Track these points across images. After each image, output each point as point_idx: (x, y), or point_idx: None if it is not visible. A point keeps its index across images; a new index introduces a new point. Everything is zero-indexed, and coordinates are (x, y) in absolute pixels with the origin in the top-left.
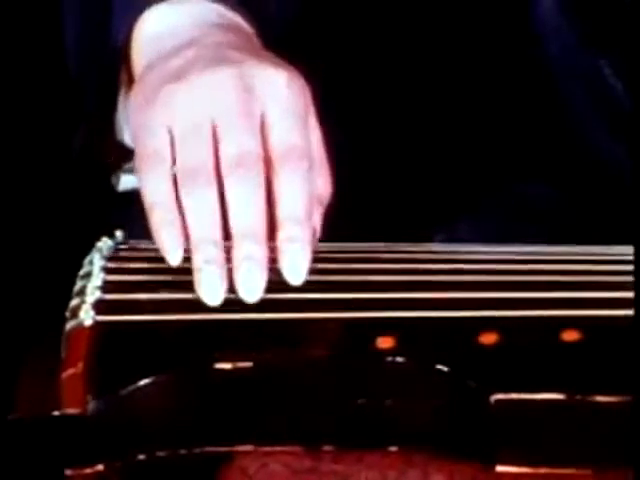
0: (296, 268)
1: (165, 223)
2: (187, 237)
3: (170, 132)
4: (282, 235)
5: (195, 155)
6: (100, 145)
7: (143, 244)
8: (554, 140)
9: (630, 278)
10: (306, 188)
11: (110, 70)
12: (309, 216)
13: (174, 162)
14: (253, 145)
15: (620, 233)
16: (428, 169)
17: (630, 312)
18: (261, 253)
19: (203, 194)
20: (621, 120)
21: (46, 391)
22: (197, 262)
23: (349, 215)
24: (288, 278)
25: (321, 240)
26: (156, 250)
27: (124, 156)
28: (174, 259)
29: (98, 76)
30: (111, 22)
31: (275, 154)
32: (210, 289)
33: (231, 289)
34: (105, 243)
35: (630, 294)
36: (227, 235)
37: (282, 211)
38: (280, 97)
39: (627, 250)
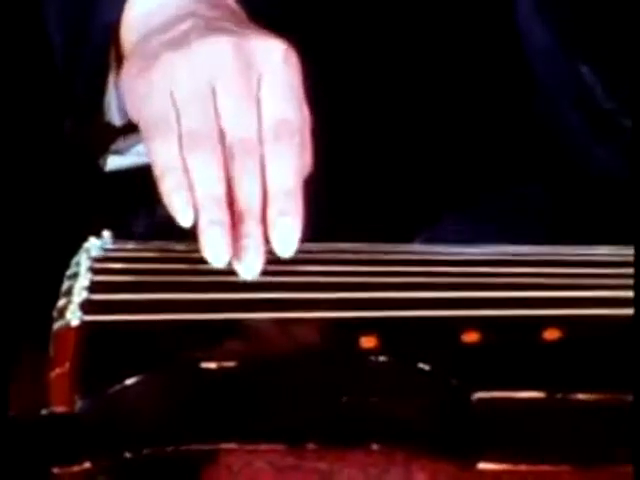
0: (287, 241)
1: (176, 187)
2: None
3: (172, 98)
4: (273, 208)
5: (198, 118)
6: (90, 127)
7: (130, 244)
8: (540, 141)
9: (612, 279)
10: (296, 162)
11: (100, 50)
12: (299, 189)
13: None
14: (252, 125)
15: (605, 233)
16: (411, 170)
17: (611, 311)
18: (259, 232)
19: (207, 155)
20: (601, 121)
21: (34, 390)
22: (202, 223)
23: (332, 215)
24: (278, 251)
25: (304, 240)
26: (143, 250)
27: (111, 137)
28: (186, 220)
29: (88, 56)
30: (100, 5)
31: (268, 129)
32: (214, 251)
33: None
34: (92, 243)
35: (612, 293)
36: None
37: (273, 184)
38: (276, 69)
39: (610, 250)
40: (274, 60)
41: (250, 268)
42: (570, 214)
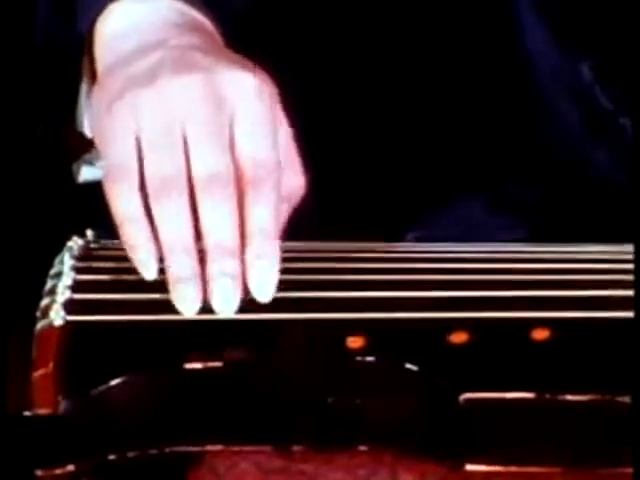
0: (264, 285)
1: (138, 239)
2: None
3: (137, 139)
4: (251, 251)
5: (166, 164)
6: (61, 135)
7: (114, 243)
8: (533, 138)
9: (601, 276)
10: (274, 203)
11: (72, 60)
12: (277, 232)
13: (141, 171)
14: (225, 163)
15: (598, 232)
16: (400, 167)
17: (601, 311)
18: (236, 268)
19: (175, 204)
20: (600, 120)
21: (16, 391)
22: (171, 275)
23: (319, 213)
24: (256, 295)
25: (291, 239)
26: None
27: (84, 146)
28: (150, 274)
29: (61, 65)
30: (77, 13)
31: (244, 170)
32: (188, 303)
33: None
34: (76, 242)
35: (601, 292)
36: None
37: (251, 226)
38: (249, 105)
39: (600, 249)
40: (246, 95)
41: (226, 305)
42: (564, 214)
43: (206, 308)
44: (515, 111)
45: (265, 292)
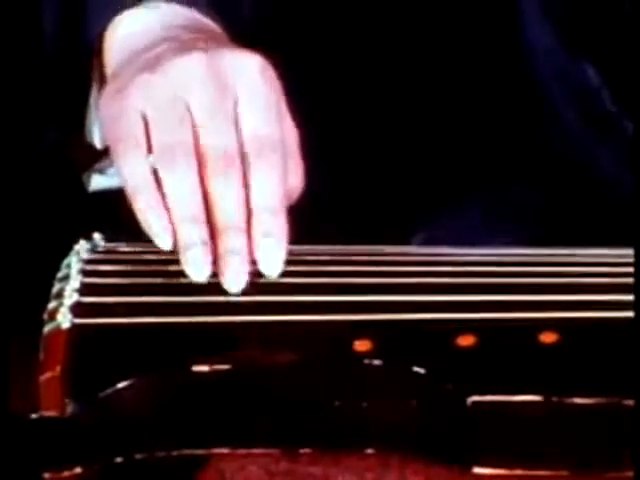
0: (272, 261)
1: (151, 206)
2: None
3: (144, 118)
4: (258, 228)
5: (173, 133)
6: (71, 144)
7: (121, 247)
8: (536, 140)
9: (607, 279)
10: (280, 180)
11: (82, 69)
12: (283, 208)
13: (149, 147)
14: (231, 140)
15: (601, 235)
16: (406, 170)
17: (608, 314)
18: (243, 246)
19: (182, 171)
20: (604, 123)
21: (23, 394)
22: (181, 242)
23: (326, 216)
24: (264, 271)
25: (299, 242)
26: (134, 253)
27: (94, 156)
28: (166, 242)
29: (71, 74)
30: (86, 22)
31: (249, 146)
32: (198, 267)
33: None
34: (83, 246)
35: (609, 296)
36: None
37: (257, 203)
38: (252, 84)
39: (606, 252)
40: (249, 75)
41: (235, 283)
42: (568, 215)
43: (214, 310)
44: (519, 113)
45: (274, 269)
